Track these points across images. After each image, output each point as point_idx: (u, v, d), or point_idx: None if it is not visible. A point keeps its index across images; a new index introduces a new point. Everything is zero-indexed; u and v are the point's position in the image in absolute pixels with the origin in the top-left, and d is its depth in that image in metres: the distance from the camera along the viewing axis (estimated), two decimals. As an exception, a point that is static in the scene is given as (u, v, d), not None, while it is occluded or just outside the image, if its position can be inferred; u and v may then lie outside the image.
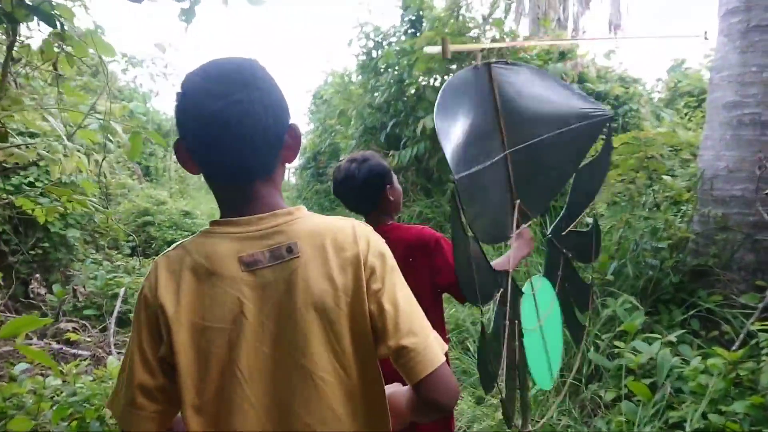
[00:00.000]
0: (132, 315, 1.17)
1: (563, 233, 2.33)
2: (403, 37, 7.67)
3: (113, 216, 7.85)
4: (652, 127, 6.43)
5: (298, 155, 1.33)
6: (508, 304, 1.99)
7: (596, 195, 2.49)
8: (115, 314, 4.69)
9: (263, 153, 1.11)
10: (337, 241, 1.10)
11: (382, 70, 7.94)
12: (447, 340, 1.61)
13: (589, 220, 2.71)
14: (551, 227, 2.35)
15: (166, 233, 8.42)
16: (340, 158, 6.64)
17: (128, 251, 7.58)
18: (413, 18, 7.54)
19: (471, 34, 6.38)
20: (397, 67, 7.36)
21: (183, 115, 1.10)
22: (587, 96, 2.44)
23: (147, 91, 16.00)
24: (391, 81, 7.47)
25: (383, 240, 1.18)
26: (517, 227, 2.11)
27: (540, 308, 2.23)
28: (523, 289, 2.17)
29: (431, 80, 7.33)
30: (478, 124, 1.95)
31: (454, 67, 6.57)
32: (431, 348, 1.11)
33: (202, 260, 1.08)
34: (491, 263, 1.95)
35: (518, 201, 2.09)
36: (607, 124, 2.37)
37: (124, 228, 8.01)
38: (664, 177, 4.48)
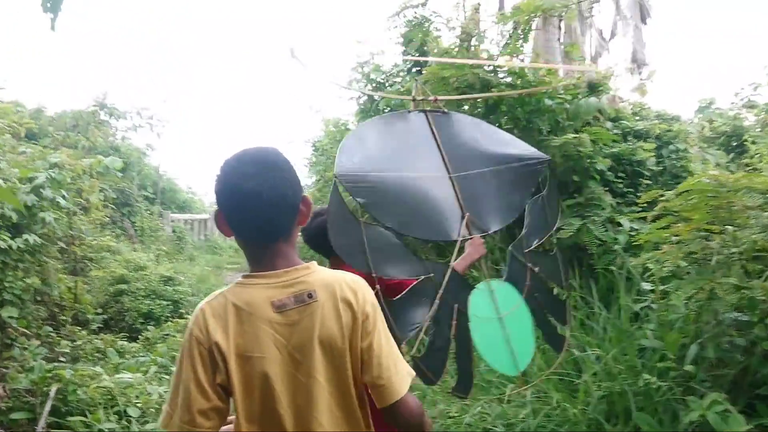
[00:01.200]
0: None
1: (526, 251, 2.75)
2: (407, 77, 6.81)
3: (83, 284, 6.95)
4: (702, 171, 5.46)
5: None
6: (443, 288, 2.45)
7: (552, 226, 2.90)
8: (43, 420, 3.67)
9: (285, 218, 1.47)
10: (343, 291, 1.46)
11: (385, 113, 6.96)
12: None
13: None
14: (512, 244, 2.78)
15: (141, 303, 7.45)
16: None
17: (96, 326, 6.56)
18: (417, 53, 6.63)
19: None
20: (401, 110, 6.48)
21: (223, 192, 1.45)
22: (522, 142, 3.01)
23: (142, 147, 15.44)
24: (397, 125, 6.58)
25: (373, 293, 1.55)
26: (470, 235, 2.63)
27: (501, 306, 2.61)
28: (478, 286, 2.60)
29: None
30: (408, 148, 2.66)
31: (466, 107, 5.65)
32: (398, 382, 1.47)
33: (243, 305, 1.41)
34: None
35: (467, 215, 2.60)
36: (546, 165, 2.89)
37: (94, 298, 7.07)
38: (728, 227, 3.46)
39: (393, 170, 2.49)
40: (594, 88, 5.46)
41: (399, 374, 1.47)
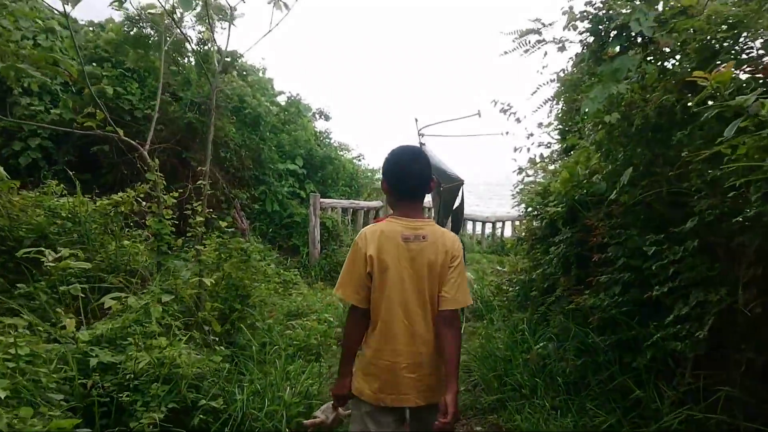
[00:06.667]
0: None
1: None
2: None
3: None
4: None
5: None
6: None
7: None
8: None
9: (423, 188, 2.57)
10: (444, 241, 2.51)
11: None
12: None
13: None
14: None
15: None
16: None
17: None
18: None
19: None
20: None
21: (393, 169, 2.56)
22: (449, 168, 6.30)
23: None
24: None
25: (461, 246, 2.60)
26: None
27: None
28: None
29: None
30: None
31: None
32: (458, 299, 2.51)
33: (387, 232, 2.47)
34: None
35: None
36: (461, 185, 6.28)
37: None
38: None
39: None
40: None
41: (458, 297, 2.51)
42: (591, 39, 3.48)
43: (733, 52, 2.92)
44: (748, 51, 2.98)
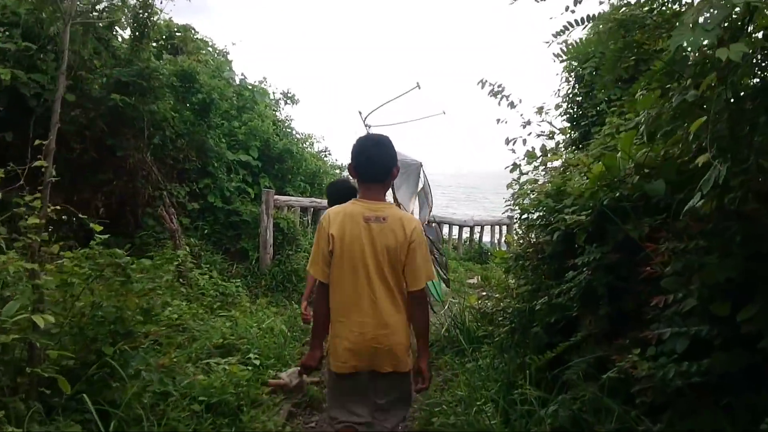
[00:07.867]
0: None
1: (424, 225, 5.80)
2: None
3: None
4: None
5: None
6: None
7: (431, 204, 7.64)
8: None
9: (384, 173, 2.76)
10: (403, 222, 2.68)
11: None
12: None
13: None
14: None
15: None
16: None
17: None
18: None
19: None
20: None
21: (359, 154, 2.76)
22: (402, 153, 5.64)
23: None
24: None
25: (421, 228, 2.78)
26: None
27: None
28: None
29: None
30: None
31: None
32: (422, 279, 2.71)
33: (348, 214, 2.68)
34: None
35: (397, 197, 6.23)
36: (419, 167, 7.27)
37: None
38: None
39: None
40: None
41: (420, 277, 2.71)
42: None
43: None
44: None
